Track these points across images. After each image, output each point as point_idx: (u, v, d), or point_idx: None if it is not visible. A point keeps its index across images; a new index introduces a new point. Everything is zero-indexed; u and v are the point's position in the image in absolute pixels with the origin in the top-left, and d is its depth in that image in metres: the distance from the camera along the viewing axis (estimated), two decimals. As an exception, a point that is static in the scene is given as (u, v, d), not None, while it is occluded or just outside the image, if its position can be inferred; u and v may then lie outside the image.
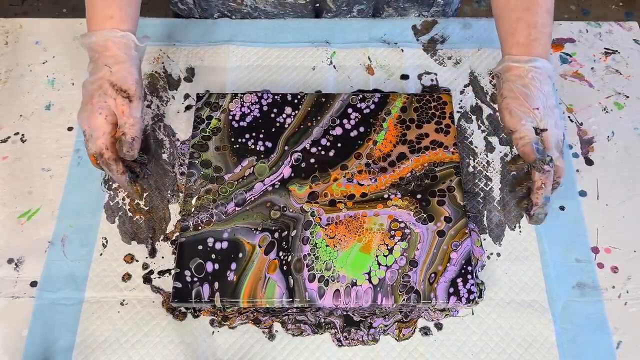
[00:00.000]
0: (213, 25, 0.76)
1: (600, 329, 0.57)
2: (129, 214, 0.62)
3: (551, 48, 0.75)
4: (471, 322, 0.57)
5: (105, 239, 0.61)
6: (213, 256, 0.56)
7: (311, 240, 0.57)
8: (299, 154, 0.62)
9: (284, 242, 0.57)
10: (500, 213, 0.63)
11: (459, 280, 0.55)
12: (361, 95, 0.66)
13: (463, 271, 0.56)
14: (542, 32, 0.59)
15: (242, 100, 0.66)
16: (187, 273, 0.55)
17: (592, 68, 0.73)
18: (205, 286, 0.55)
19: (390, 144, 0.63)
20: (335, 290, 0.55)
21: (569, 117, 0.69)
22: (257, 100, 0.66)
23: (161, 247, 0.61)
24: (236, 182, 0.61)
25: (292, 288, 0.55)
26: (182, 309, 0.57)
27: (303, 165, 0.62)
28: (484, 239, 0.61)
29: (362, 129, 0.64)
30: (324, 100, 0.66)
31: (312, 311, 0.57)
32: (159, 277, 0.59)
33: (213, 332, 0.57)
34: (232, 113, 0.65)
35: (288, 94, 0.66)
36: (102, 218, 0.62)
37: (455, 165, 0.61)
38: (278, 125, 0.64)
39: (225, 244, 0.57)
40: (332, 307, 0.55)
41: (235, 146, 0.63)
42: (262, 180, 0.61)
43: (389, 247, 0.57)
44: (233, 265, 0.56)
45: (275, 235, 0.57)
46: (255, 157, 0.62)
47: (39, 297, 0.58)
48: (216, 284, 0.55)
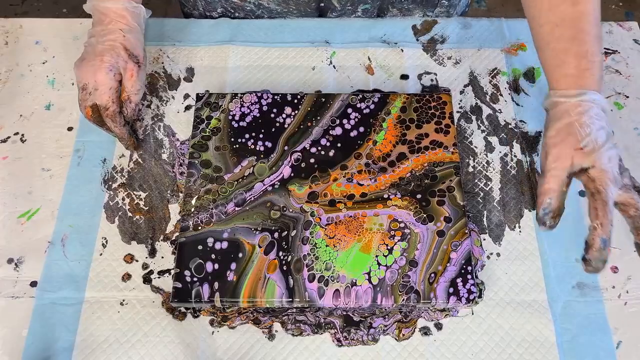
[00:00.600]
0: (213, 25, 0.76)
1: (600, 329, 0.57)
2: (129, 214, 0.62)
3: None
4: (471, 322, 0.57)
5: (105, 239, 0.61)
6: (213, 256, 0.56)
7: (311, 240, 0.57)
8: (299, 154, 0.62)
9: (284, 242, 0.57)
10: (500, 213, 0.63)
11: (458, 280, 0.55)
12: (361, 95, 0.66)
13: (463, 271, 0.56)
14: (592, 61, 0.55)
15: (242, 100, 0.66)
16: (187, 273, 0.55)
17: (592, 68, 0.73)
18: (205, 286, 0.55)
19: (390, 144, 0.63)
20: (335, 290, 0.55)
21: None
22: (257, 100, 0.66)
23: (161, 247, 0.61)
24: (236, 182, 0.61)
25: (292, 288, 0.55)
26: (182, 309, 0.57)
27: (303, 165, 0.62)
28: (484, 239, 0.61)
29: (361, 129, 0.64)
30: (324, 100, 0.66)
31: (312, 311, 0.57)
32: (159, 277, 0.59)
33: (213, 332, 0.57)
34: (232, 113, 0.65)
35: (288, 94, 0.66)
36: (102, 218, 0.62)
37: (455, 165, 0.61)
38: (278, 125, 0.64)
39: (225, 244, 0.57)
40: (332, 307, 0.55)
41: (235, 146, 0.63)
42: (262, 180, 0.61)
43: (388, 247, 0.57)
44: (233, 265, 0.56)
45: (275, 235, 0.57)
46: (255, 157, 0.62)
47: (39, 297, 0.58)
48: (216, 284, 0.55)
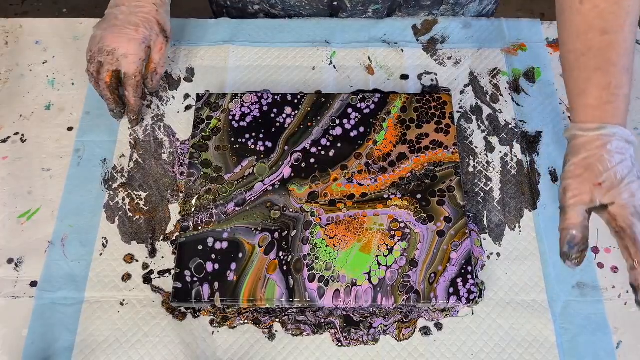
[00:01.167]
0: (213, 25, 0.76)
1: (600, 329, 0.57)
2: (129, 214, 0.62)
3: (551, 48, 0.74)
4: (471, 322, 0.57)
5: (105, 239, 0.61)
6: (213, 256, 0.56)
7: (311, 240, 0.57)
8: (299, 154, 0.62)
9: (284, 242, 0.57)
10: (500, 213, 0.63)
11: (459, 280, 0.55)
12: (361, 95, 0.66)
13: (463, 271, 0.56)
14: (615, 94, 0.53)
15: (242, 100, 0.66)
16: (187, 273, 0.55)
17: (592, 68, 0.73)
18: (205, 286, 0.55)
19: (390, 144, 0.63)
20: (335, 291, 0.55)
21: (569, 117, 0.69)
22: (257, 100, 0.66)
23: (161, 247, 0.61)
24: (236, 182, 0.61)
25: (292, 288, 0.55)
26: (182, 309, 0.57)
27: (303, 165, 0.62)
28: (484, 239, 0.61)
29: (362, 129, 0.64)
30: (324, 100, 0.66)
31: (312, 311, 0.57)
32: (159, 277, 0.59)
33: (213, 332, 0.57)
34: (232, 113, 0.65)
35: (288, 94, 0.66)
36: (102, 218, 0.62)
37: (455, 165, 0.61)
38: (278, 125, 0.64)
39: (225, 244, 0.57)
40: (332, 307, 0.55)
41: (235, 146, 0.63)
42: (262, 180, 0.61)
43: (389, 247, 0.57)
44: (233, 265, 0.56)
45: (275, 235, 0.57)
46: (255, 157, 0.62)
47: (39, 297, 0.58)
48: (216, 284, 0.55)
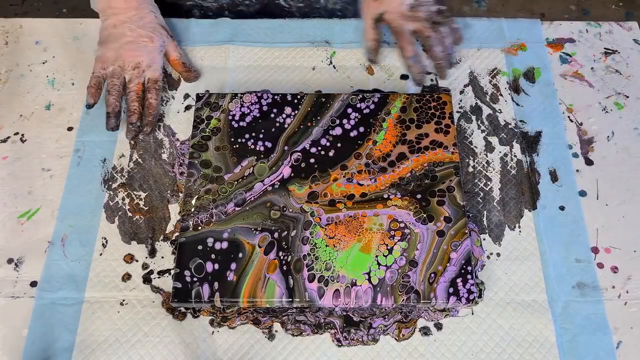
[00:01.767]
0: (213, 25, 0.76)
1: (600, 329, 0.57)
2: (129, 214, 0.62)
3: (551, 48, 0.75)
4: (471, 322, 0.57)
5: (105, 239, 0.61)
6: (213, 256, 0.56)
7: (311, 240, 0.57)
8: (299, 154, 0.62)
9: (284, 242, 0.57)
10: (500, 213, 0.63)
11: (458, 281, 0.55)
12: (361, 95, 0.66)
13: (463, 271, 0.56)
14: None
15: (242, 100, 0.66)
16: (187, 273, 0.55)
17: (592, 68, 0.73)
18: (205, 286, 0.55)
19: (390, 144, 0.63)
20: (335, 291, 0.55)
21: (569, 117, 0.69)
22: (257, 100, 0.66)
23: (161, 247, 0.61)
24: (236, 182, 0.61)
25: (291, 288, 0.55)
26: (182, 309, 0.57)
27: (303, 165, 0.62)
28: (484, 239, 0.61)
29: (361, 129, 0.64)
30: (324, 100, 0.66)
31: (312, 311, 0.57)
32: (159, 277, 0.59)
33: (213, 332, 0.57)
34: (232, 113, 0.65)
35: (288, 94, 0.66)
36: (102, 218, 0.62)
37: (455, 165, 0.61)
38: (278, 125, 0.64)
39: (225, 244, 0.57)
40: (331, 307, 0.55)
41: (235, 146, 0.63)
42: (261, 180, 0.61)
43: (388, 247, 0.57)
44: (233, 266, 0.56)
45: (275, 235, 0.57)
46: (255, 157, 0.62)
47: (39, 297, 0.58)
48: (216, 284, 0.55)
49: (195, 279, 0.55)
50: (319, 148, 0.63)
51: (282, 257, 0.56)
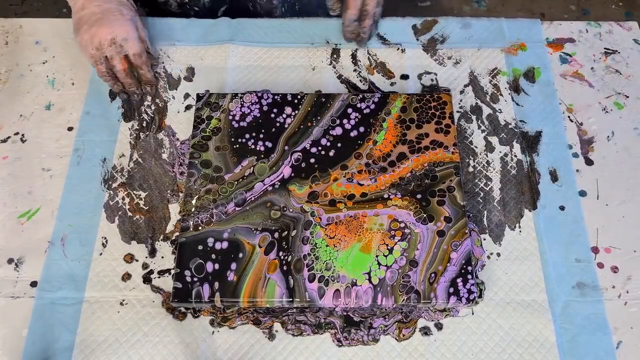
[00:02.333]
0: (213, 25, 0.76)
1: (600, 329, 0.57)
2: (129, 213, 0.62)
3: (551, 48, 0.75)
4: (471, 322, 0.57)
5: (105, 238, 0.61)
6: (213, 256, 0.56)
7: (311, 240, 0.57)
8: (299, 154, 0.62)
9: (284, 242, 0.57)
10: (500, 213, 0.63)
11: (459, 280, 0.55)
12: (361, 95, 0.66)
13: (463, 271, 0.56)
14: None
15: (242, 100, 0.66)
16: (187, 273, 0.55)
17: (592, 68, 0.73)
18: (205, 286, 0.55)
19: (390, 144, 0.63)
20: (335, 291, 0.55)
21: (569, 117, 0.70)
22: (257, 100, 0.66)
23: (161, 247, 0.61)
24: (236, 182, 0.60)
25: (292, 288, 0.55)
26: (182, 309, 0.57)
27: (303, 165, 0.62)
28: (484, 239, 0.61)
29: (362, 129, 0.64)
30: (324, 100, 0.66)
31: (312, 311, 0.57)
32: (159, 277, 0.59)
33: (213, 332, 0.57)
34: (232, 113, 0.65)
35: (288, 94, 0.66)
36: (102, 218, 0.62)
37: (455, 165, 0.61)
38: (278, 125, 0.64)
39: (225, 244, 0.57)
40: (332, 307, 0.55)
41: (235, 146, 0.63)
42: (262, 180, 0.61)
43: (389, 247, 0.57)
44: (233, 265, 0.56)
45: (275, 235, 0.57)
46: (255, 157, 0.62)
47: (39, 297, 0.58)
48: (216, 284, 0.55)
49: (195, 279, 0.55)
50: (319, 148, 0.63)
51: (282, 257, 0.56)
